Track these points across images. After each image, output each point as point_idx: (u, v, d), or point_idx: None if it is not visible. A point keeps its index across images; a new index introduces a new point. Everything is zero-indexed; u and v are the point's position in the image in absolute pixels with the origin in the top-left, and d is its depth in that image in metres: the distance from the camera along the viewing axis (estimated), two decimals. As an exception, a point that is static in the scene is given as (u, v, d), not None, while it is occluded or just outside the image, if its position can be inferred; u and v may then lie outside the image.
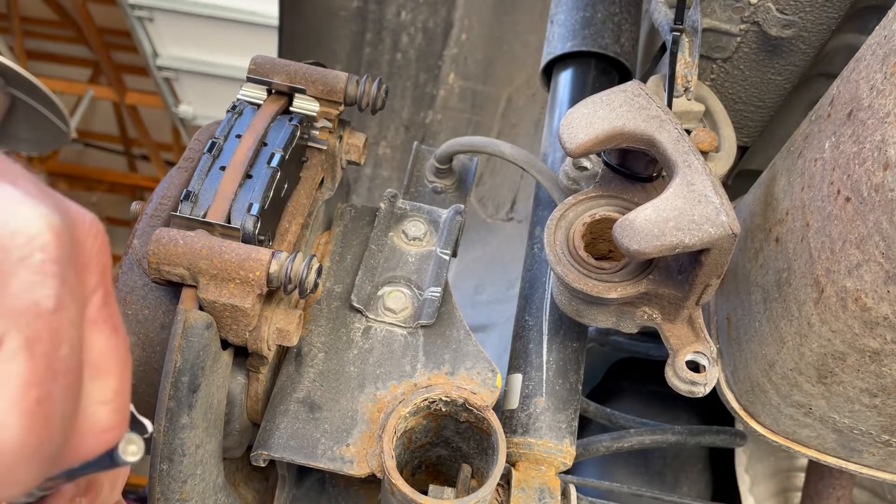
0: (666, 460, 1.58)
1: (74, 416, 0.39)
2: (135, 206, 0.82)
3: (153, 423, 0.68)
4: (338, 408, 0.79)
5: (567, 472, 1.27)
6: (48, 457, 0.37)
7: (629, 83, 0.82)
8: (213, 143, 0.76)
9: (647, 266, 0.81)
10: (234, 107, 0.82)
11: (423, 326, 0.85)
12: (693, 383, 0.80)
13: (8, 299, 0.34)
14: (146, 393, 0.76)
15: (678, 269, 0.80)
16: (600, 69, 1.25)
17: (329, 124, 0.87)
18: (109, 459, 0.44)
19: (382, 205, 0.94)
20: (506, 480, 0.85)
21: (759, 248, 0.84)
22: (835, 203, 0.68)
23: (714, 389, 0.87)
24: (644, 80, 1.03)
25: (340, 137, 0.91)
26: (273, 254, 0.70)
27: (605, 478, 1.54)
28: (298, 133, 0.81)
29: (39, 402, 0.36)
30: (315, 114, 0.84)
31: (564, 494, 0.86)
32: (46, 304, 0.35)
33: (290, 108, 0.84)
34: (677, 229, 0.70)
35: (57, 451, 0.38)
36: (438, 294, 0.86)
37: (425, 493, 0.74)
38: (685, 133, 0.77)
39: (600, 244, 0.87)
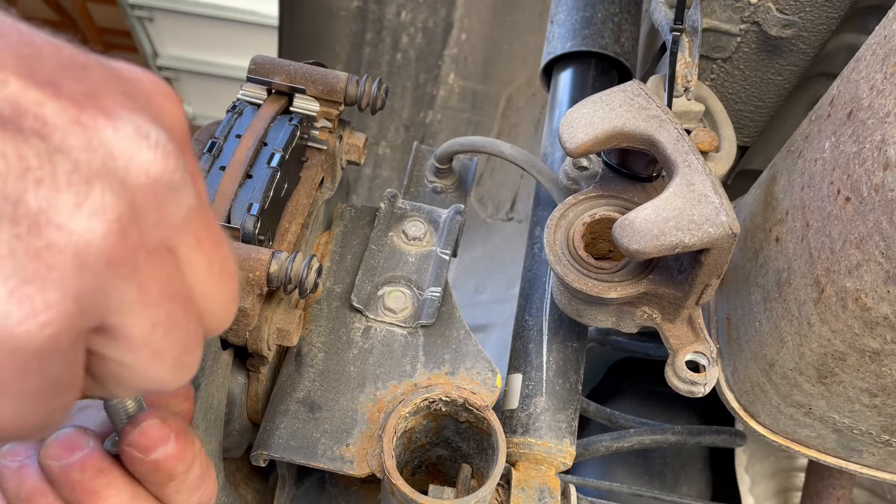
0: (666, 460, 1.58)
1: None
2: (135, 206, 0.82)
3: None
4: (338, 408, 0.79)
5: (567, 472, 1.28)
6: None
7: (629, 83, 0.82)
8: (213, 143, 0.76)
9: (647, 266, 0.81)
10: (234, 107, 0.82)
11: (423, 326, 0.85)
12: (693, 383, 0.80)
13: (166, 217, 0.37)
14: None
15: (678, 269, 0.80)
16: (600, 69, 1.25)
17: (329, 124, 0.87)
18: None
19: (382, 205, 0.94)
20: (506, 480, 0.85)
21: (759, 248, 0.84)
22: (835, 203, 0.68)
23: (714, 389, 0.87)
24: (644, 80, 1.03)
25: (340, 137, 0.91)
26: (273, 254, 0.70)
27: (605, 478, 1.54)
28: (298, 133, 0.81)
29: (231, 273, 0.42)
30: (315, 114, 0.84)
31: (564, 494, 0.86)
32: (191, 204, 0.38)
33: (290, 108, 0.84)
34: (677, 229, 0.70)
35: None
36: (438, 294, 0.86)
37: (425, 493, 0.74)
38: (685, 133, 0.77)
39: (600, 244, 0.87)
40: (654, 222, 0.71)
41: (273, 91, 0.84)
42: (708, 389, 0.81)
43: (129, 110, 0.36)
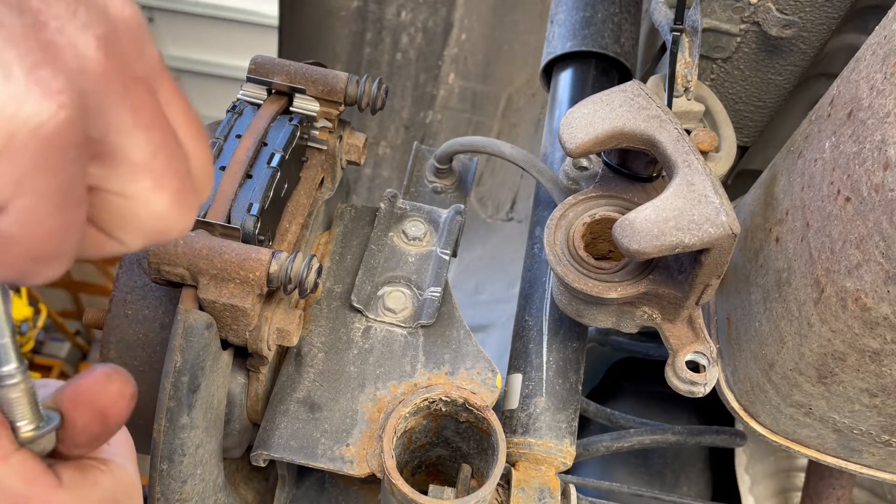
0: (666, 460, 1.58)
1: None
2: (135, 206, 0.82)
3: (154, 423, 0.68)
4: (338, 408, 0.79)
5: (567, 472, 1.28)
6: None
7: (629, 83, 0.82)
8: (214, 143, 0.76)
9: (647, 266, 0.81)
10: (234, 107, 0.82)
11: (423, 326, 0.85)
12: (693, 383, 0.80)
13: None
14: (146, 393, 0.75)
15: (678, 269, 0.80)
16: (600, 69, 1.25)
17: (329, 124, 0.87)
18: None
19: (382, 205, 0.94)
20: (506, 480, 0.85)
21: (759, 248, 0.84)
22: (835, 203, 0.68)
23: (714, 389, 0.87)
24: (644, 80, 1.03)
25: (340, 137, 0.91)
26: (273, 254, 0.70)
27: (605, 478, 1.54)
28: (298, 133, 0.81)
29: (205, 139, 0.46)
30: (315, 114, 0.84)
31: (564, 494, 0.86)
32: (161, 59, 0.43)
33: (290, 108, 0.84)
34: (677, 229, 0.70)
35: None
36: (438, 294, 0.86)
37: (425, 493, 0.74)
38: (685, 133, 0.77)
39: (600, 244, 0.87)
40: (654, 222, 0.71)
41: (273, 91, 0.84)
42: (708, 389, 0.81)
43: None
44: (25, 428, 0.45)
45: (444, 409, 0.78)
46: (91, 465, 0.48)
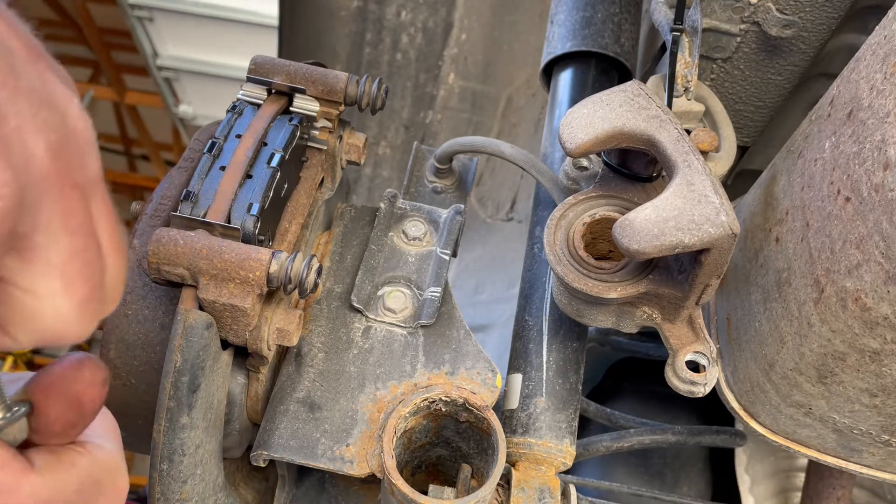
0: (666, 460, 1.58)
1: None
2: (135, 205, 0.83)
3: (154, 423, 0.68)
4: (338, 408, 0.79)
5: (567, 472, 1.28)
6: None
7: (629, 83, 0.82)
8: (213, 143, 0.76)
9: (647, 266, 0.81)
10: (234, 107, 0.82)
11: (423, 326, 0.85)
12: (693, 383, 0.80)
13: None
14: (146, 393, 0.76)
15: (678, 269, 0.80)
16: (600, 69, 1.25)
17: (329, 124, 0.87)
18: None
19: (382, 205, 0.94)
20: (506, 480, 0.85)
21: (759, 248, 0.84)
22: (835, 203, 0.68)
23: (714, 389, 0.87)
24: (644, 80, 1.03)
25: (340, 137, 0.91)
26: (273, 254, 0.70)
27: (605, 478, 1.54)
28: (298, 133, 0.81)
29: (124, 254, 0.47)
30: (315, 114, 0.84)
31: (564, 494, 0.86)
32: (100, 173, 0.45)
33: (290, 108, 0.84)
34: (677, 229, 0.70)
35: None
36: (438, 294, 0.86)
37: (425, 493, 0.74)
38: (685, 133, 0.77)
39: (600, 244, 0.87)
40: (654, 222, 0.71)
41: (273, 91, 0.84)
42: (708, 389, 0.81)
43: (63, 81, 0.43)
44: None
45: (444, 409, 0.78)
46: (67, 448, 0.49)
